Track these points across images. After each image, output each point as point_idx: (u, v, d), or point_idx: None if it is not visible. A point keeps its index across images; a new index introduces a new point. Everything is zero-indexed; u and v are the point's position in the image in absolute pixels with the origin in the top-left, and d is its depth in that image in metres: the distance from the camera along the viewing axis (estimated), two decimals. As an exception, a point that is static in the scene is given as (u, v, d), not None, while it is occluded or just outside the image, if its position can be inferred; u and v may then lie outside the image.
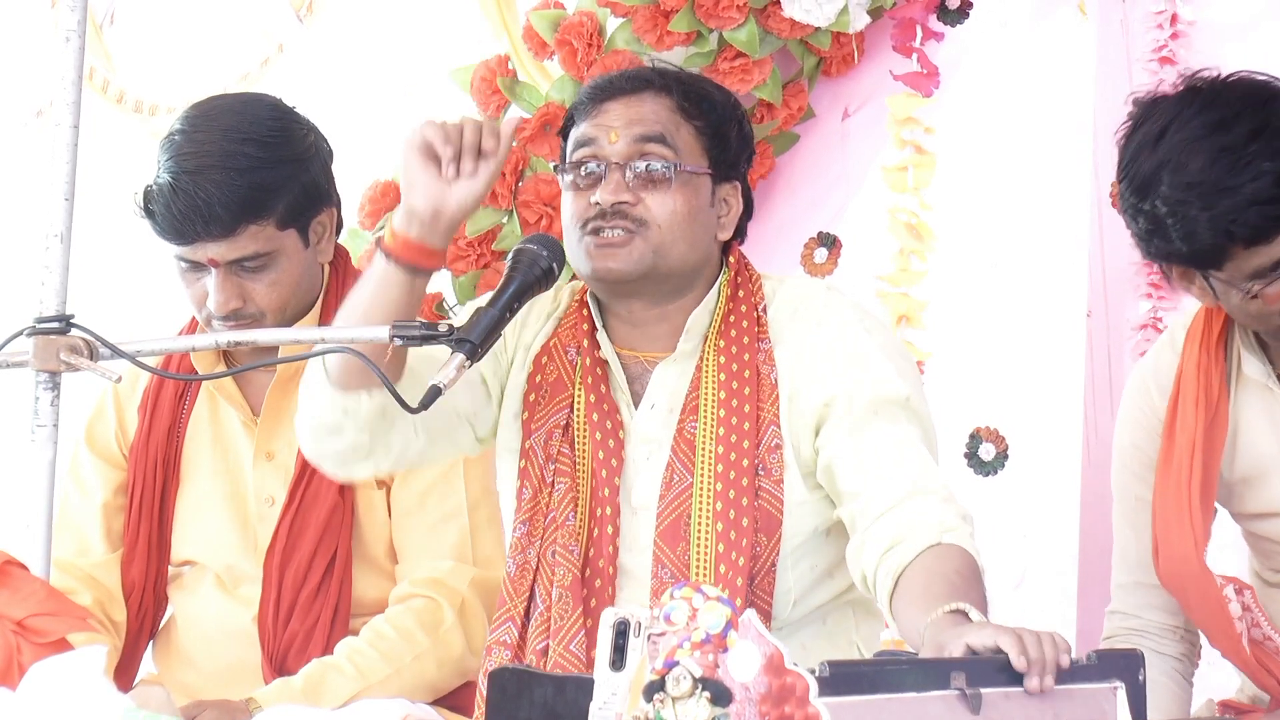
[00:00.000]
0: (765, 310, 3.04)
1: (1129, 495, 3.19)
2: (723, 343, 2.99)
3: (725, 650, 1.89)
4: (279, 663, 3.35)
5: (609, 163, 2.98)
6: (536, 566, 2.99)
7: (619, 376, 3.04)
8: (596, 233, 2.95)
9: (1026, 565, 4.10)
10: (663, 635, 1.92)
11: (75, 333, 2.91)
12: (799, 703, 1.89)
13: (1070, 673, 2.27)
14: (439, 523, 3.37)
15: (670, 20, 4.04)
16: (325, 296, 3.42)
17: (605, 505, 2.98)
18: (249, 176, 3.26)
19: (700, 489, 2.93)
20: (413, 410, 2.75)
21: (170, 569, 3.49)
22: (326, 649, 3.32)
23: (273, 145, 3.30)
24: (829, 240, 4.21)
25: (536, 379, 3.06)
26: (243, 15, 4.92)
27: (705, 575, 2.90)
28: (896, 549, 2.77)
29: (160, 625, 3.53)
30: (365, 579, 3.40)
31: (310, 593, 3.35)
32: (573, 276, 3.97)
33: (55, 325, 2.91)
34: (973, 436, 4.07)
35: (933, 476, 2.90)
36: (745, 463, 2.93)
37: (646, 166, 2.97)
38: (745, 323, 3.01)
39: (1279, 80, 2.95)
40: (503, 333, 3.05)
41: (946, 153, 4.14)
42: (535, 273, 2.88)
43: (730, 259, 3.07)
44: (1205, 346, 3.07)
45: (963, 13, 4.13)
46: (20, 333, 2.93)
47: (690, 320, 3.00)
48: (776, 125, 4.22)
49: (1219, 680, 3.34)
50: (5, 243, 5.02)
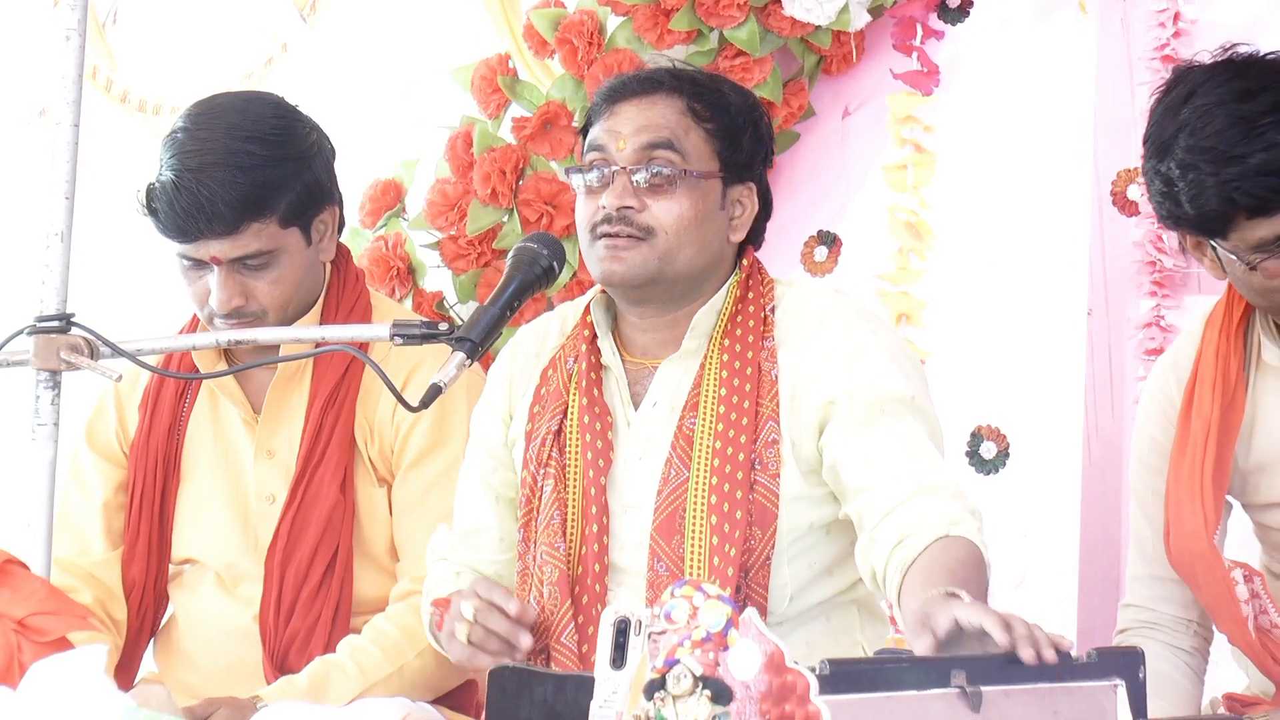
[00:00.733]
0: (773, 311, 3.04)
1: (1145, 488, 3.19)
2: (727, 341, 2.99)
3: (726, 648, 1.90)
4: (280, 661, 3.35)
5: (616, 168, 2.99)
6: (533, 571, 3.01)
7: (619, 380, 3.05)
8: (604, 237, 2.97)
9: (1027, 564, 4.10)
10: (663, 634, 1.93)
11: (76, 331, 2.92)
12: (799, 701, 1.89)
13: (1070, 670, 2.27)
14: (440, 521, 3.37)
15: (671, 19, 4.04)
16: (327, 295, 3.43)
17: (593, 505, 2.99)
18: (252, 175, 3.26)
19: (696, 483, 2.94)
20: (413, 409, 2.75)
21: (171, 567, 3.49)
22: (327, 647, 3.32)
23: (275, 143, 3.31)
24: (829, 239, 4.21)
25: (541, 391, 3.09)
26: (246, 14, 4.92)
27: (699, 568, 2.91)
28: (904, 544, 2.77)
29: (161, 624, 3.53)
30: (366, 577, 3.40)
31: (311, 591, 3.35)
32: (569, 281, 4.00)
33: (56, 324, 2.91)
34: (974, 435, 4.07)
35: (940, 473, 2.90)
36: (741, 456, 2.93)
37: (652, 173, 2.98)
38: (751, 322, 3.02)
39: None
40: (496, 413, 3.10)
41: (946, 151, 4.14)
42: (535, 271, 2.88)
43: (744, 261, 3.08)
44: (1225, 332, 3.09)
45: (963, 11, 4.13)
46: (21, 331, 2.93)
47: (695, 319, 3.01)
48: (777, 124, 4.21)
49: (1227, 678, 3.34)
50: (7, 241, 5.02)
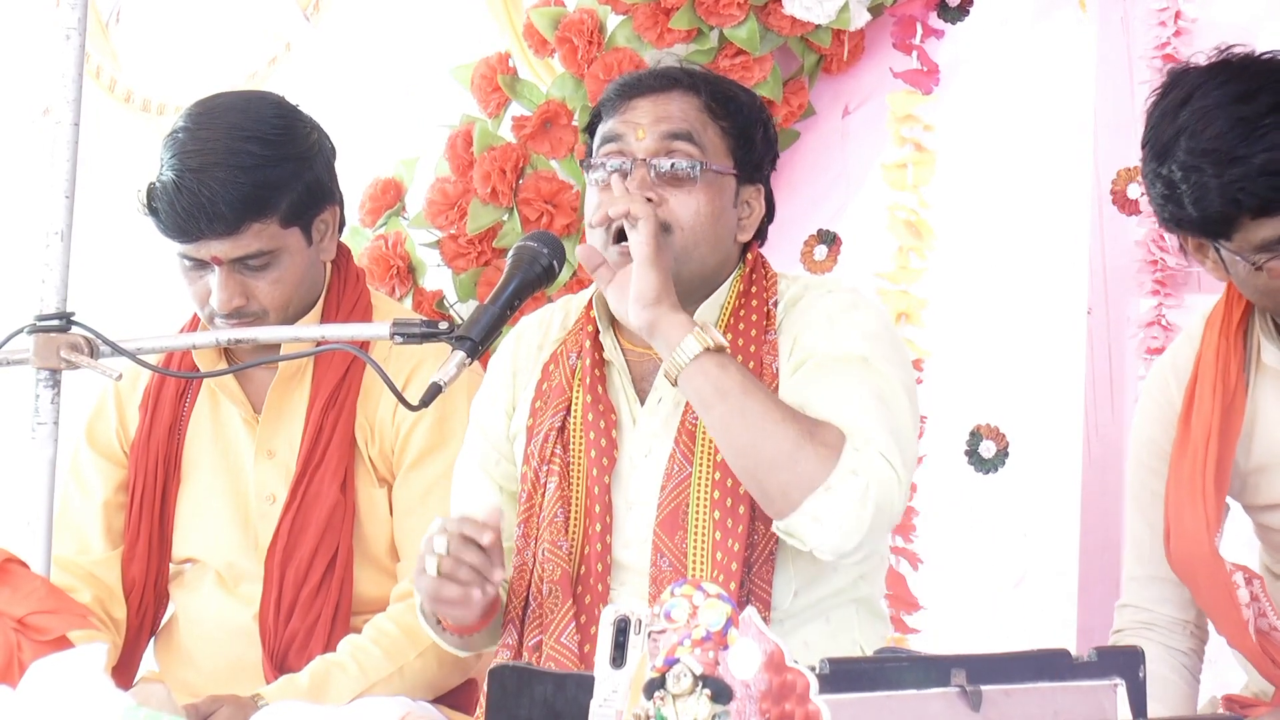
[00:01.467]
0: (775, 305, 3.04)
1: (1144, 489, 3.19)
2: (730, 336, 2.99)
3: (725, 647, 1.89)
4: (279, 660, 3.35)
5: (635, 159, 2.98)
6: (531, 566, 3.00)
7: (623, 376, 3.04)
8: (622, 240, 2.93)
9: (1027, 564, 4.11)
10: (663, 633, 1.92)
11: (76, 330, 2.92)
12: (799, 700, 1.89)
13: (1070, 669, 2.27)
14: (440, 520, 3.38)
15: (671, 18, 4.04)
16: (327, 294, 3.43)
17: (596, 503, 2.98)
18: (253, 174, 3.26)
19: (699, 479, 2.94)
20: (414, 408, 2.75)
21: (171, 567, 3.49)
22: (327, 647, 3.32)
23: (276, 143, 3.31)
24: (829, 238, 4.21)
25: (543, 386, 3.08)
26: (249, 14, 4.92)
27: (702, 564, 2.90)
28: None
29: (161, 623, 3.53)
30: (366, 577, 3.40)
31: (311, 591, 3.35)
32: (569, 280, 4.00)
33: (56, 323, 2.91)
34: (973, 434, 4.07)
35: (870, 426, 2.81)
36: None
37: (672, 165, 2.98)
38: (754, 316, 3.01)
39: None
40: (496, 406, 3.09)
41: (946, 150, 4.15)
42: (535, 270, 2.88)
43: (748, 256, 3.08)
44: (1225, 334, 3.08)
45: (963, 10, 4.13)
46: (21, 330, 2.93)
47: (699, 313, 3.00)
48: (777, 123, 4.21)
49: (1226, 678, 3.34)
50: (7, 241, 5.02)
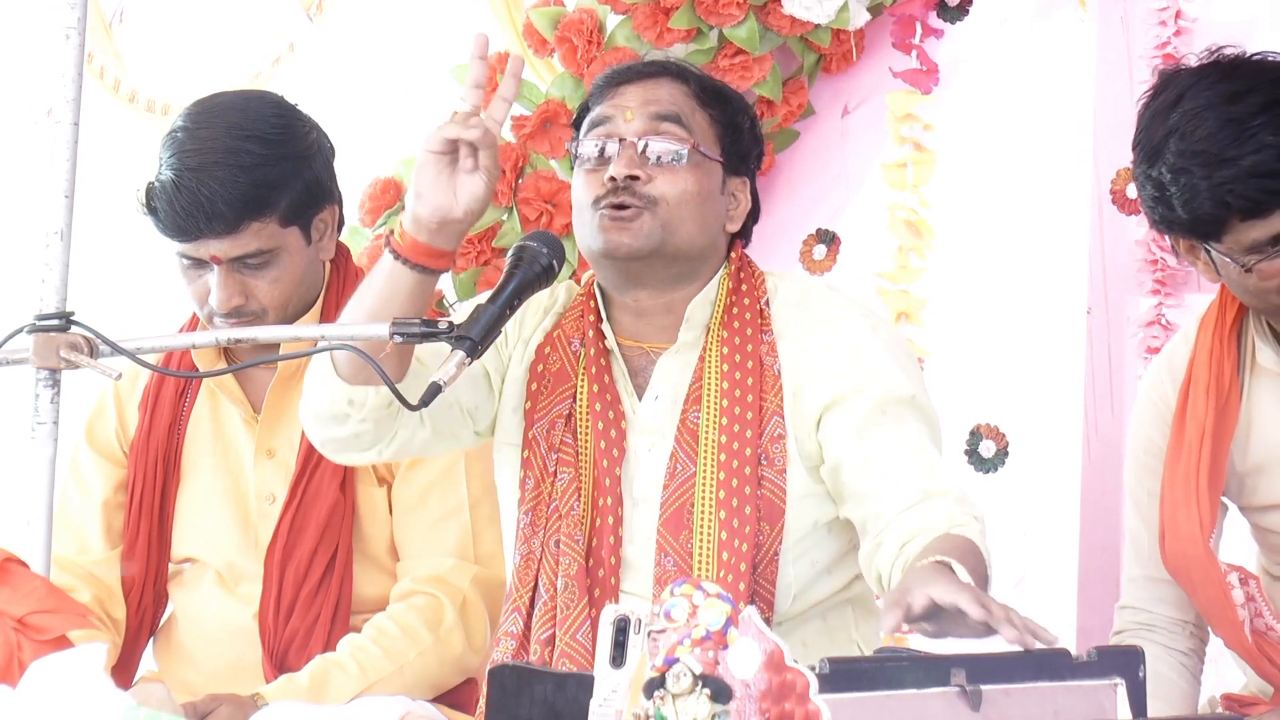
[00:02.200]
0: (768, 303, 3.04)
1: (1141, 489, 3.19)
2: (725, 333, 2.99)
3: (725, 647, 1.89)
4: (279, 660, 3.35)
5: (623, 140, 2.99)
6: (540, 556, 2.99)
7: (622, 367, 3.04)
8: (608, 209, 2.95)
9: (1027, 563, 4.10)
10: (663, 632, 1.92)
11: (75, 330, 2.91)
12: (799, 699, 1.89)
13: (1070, 669, 2.27)
14: (440, 520, 3.37)
15: (670, 17, 4.04)
16: (326, 294, 3.43)
17: (607, 495, 2.98)
18: (252, 174, 3.26)
19: (703, 478, 2.94)
20: (413, 408, 2.75)
21: (170, 566, 3.49)
22: (327, 646, 3.32)
23: (275, 142, 3.30)
24: (828, 237, 4.21)
25: (539, 369, 3.07)
26: (253, 14, 4.92)
27: (708, 564, 2.90)
28: (909, 545, 2.78)
29: (160, 623, 3.53)
30: (366, 576, 3.40)
31: (311, 590, 3.35)
32: (572, 274, 4.00)
33: (55, 323, 2.90)
34: (973, 434, 4.07)
35: (944, 477, 2.91)
36: (748, 452, 2.93)
37: (661, 144, 2.98)
38: (748, 314, 3.02)
39: None
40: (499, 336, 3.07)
41: (946, 150, 4.15)
42: (535, 269, 2.88)
43: (733, 254, 3.08)
44: (1219, 335, 3.08)
45: (962, 10, 4.13)
46: (20, 330, 2.93)
47: (690, 309, 3.00)
48: (776, 122, 4.22)
49: (1226, 678, 3.34)
50: (11, 240, 5.02)
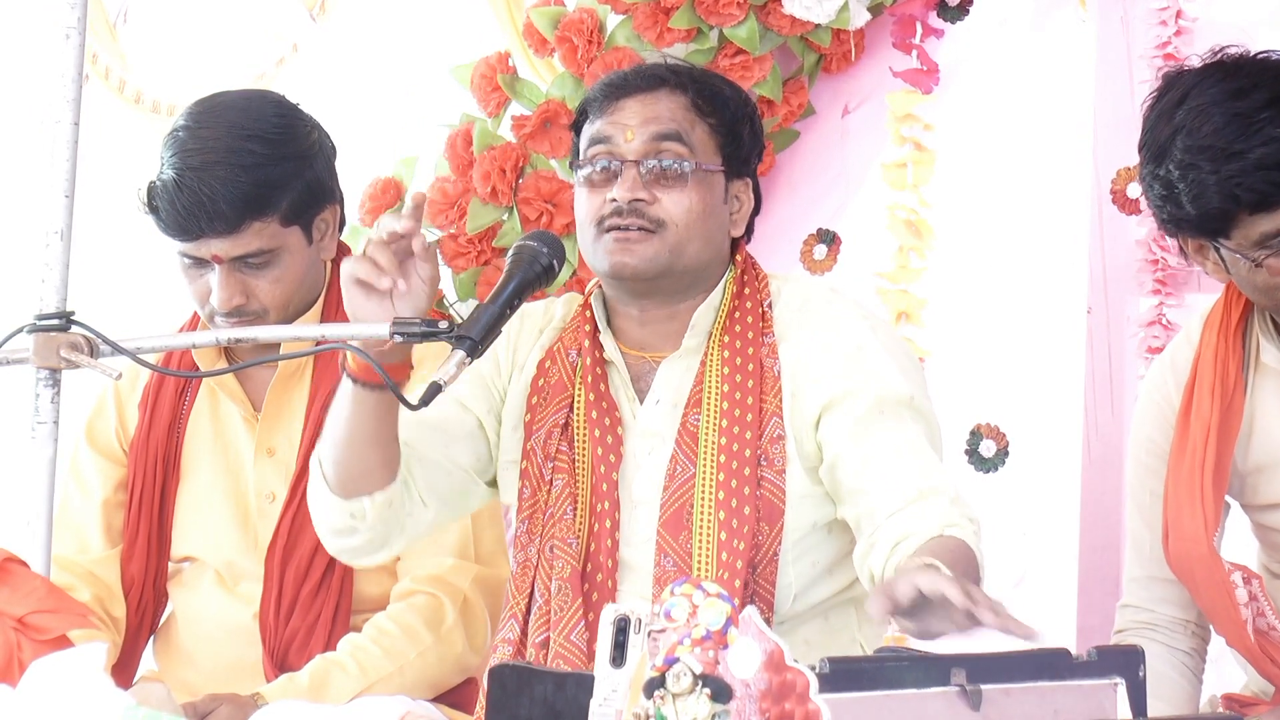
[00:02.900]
0: (770, 306, 3.05)
1: (1143, 490, 3.19)
2: (727, 338, 2.99)
3: (725, 647, 1.89)
4: (279, 659, 3.35)
5: (624, 160, 2.99)
6: (536, 562, 2.99)
7: (623, 375, 3.05)
8: (613, 230, 2.96)
9: (1026, 563, 4.10)
10: (663, 632, 1.92)
11: (75, 330, 2.92)
12: (799, 699, 1.89)
13: (1070, 669, 2.27)
14: (441, 519, 3.37)
15: (670, 17, 4.03)
16: (327, 293, 3.43)
17: (604, 500, 2.98)
18: (253, 173, 3.26)
19: (703, 479, 2.94)
20: (413, 407, 2.75)
21: (170, 565, 3.49)
22: (327, 646, 3.32)
23: (277, 142, 3.31)
24: (828, 237, 4.21)
25: (539, 383, 3.07)
26: (256, 14, 4.92)
27: (707, 564, 2.90)
28: (901, 545, 2.78)
29: (160, 622, 3.53)
30: (366, 576, 3.40)
31: (311, 589, 3.35)
32: (573, 274, 4.00)
33: (56, 322, 2.91)
34: (973, 433, 4.07)
35: (939, 477, 2.90)
36: (747, 453, 2.93)
37: (662, 165, 2.98)
38: (750, 318, 3.02)
39: None
40: (496, 355, 3.08)
41: (946, 150, 4.14)
42: (535, 269, 2.88)
43: (737, 257, 3.08)
44: (1223, 334, 3.09)
45: (963, 10, 4.13)
46: (21, 330, 2.93)
47: (695, 316, 3.01)
48: (777, 122, 4.22)
49: (1226, 677, 3.34)
50: (11, 240, 5.02)
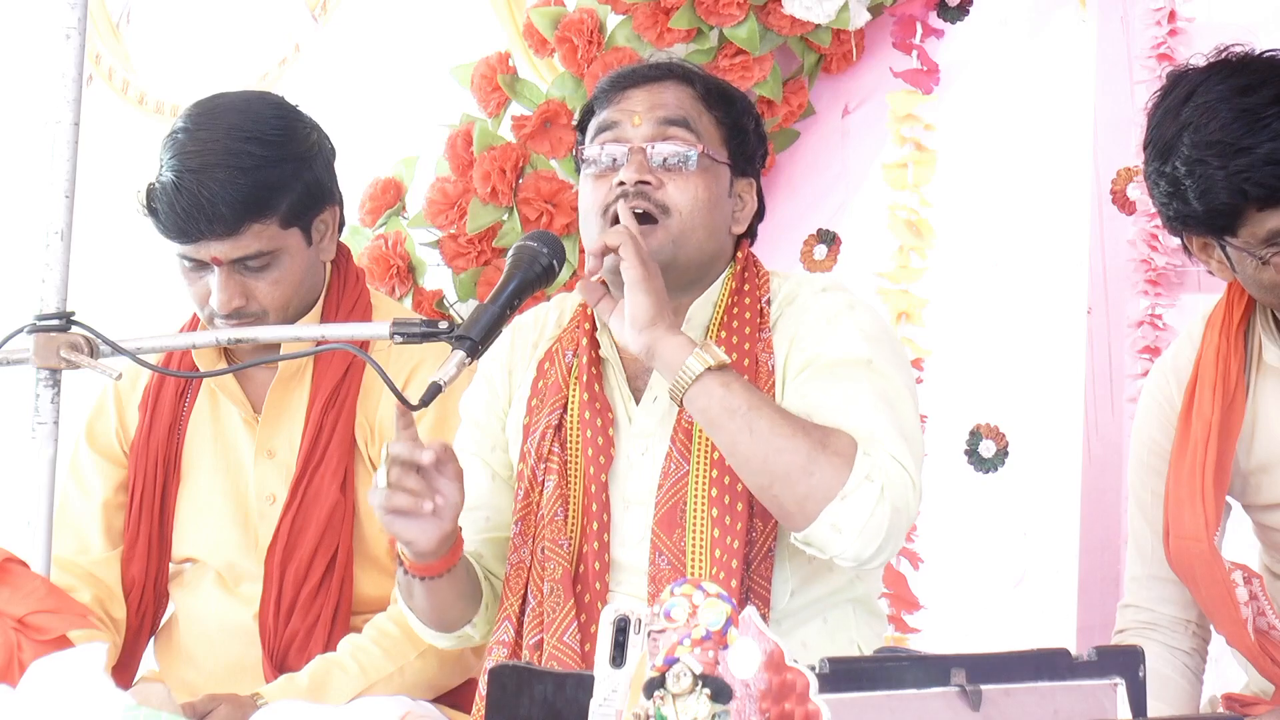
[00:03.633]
0: (769, 303, 3.04)
1: (1145, 490, 3.19)
2: (724, 333, 2.99)
3: (725, 647, 1.89)
4: (279, 660, 3.35)
5: (631, 145, 2.99)
6: (529, 564, 2.99)
7: (619, 374, 3.04)
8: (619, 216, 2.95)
9: (1026, 563, 4.11)
10: (663, 632, 1.92)
11: (76, 330, 2.92)
12: (799, 699, 1.89)
13: (1070, 669, 2.27)
14: (440, 521, 3.37)
15: (670, 17, 4.04)
16: (327, 295, 3.43)
17: (595, 501, 2.98)
18: (253, 175, 3.26)
19: (696, 477, 2.93)
20: (414, 407, 2.75)
21: (171, 566, 3.49)
22: (327, 647, 3.33)
23: (276, 144, 3.30)
24: (829, 237, 4.21)
25: (539, 385, 3.07)
26: (258, 15, 4.93)
27: (702, 563, 2.90)
28: None
29: (161, 623, 3.53)
30: (366, 577, 3.40)
31: (311, 591, 3.35)
32: (573, 274, 4.00)
33: (56, 323, 2.91)
34: (973, 433, 4.07)
35: (884, 430, 2.81)
36: None
37: (670, 150, 2.98)
38: (748, 314, 3.01)
39: None
40: (494, 389, 3.09)
41: (946, 150, 4.15)
42: (535, 270, 2.88)
43: (739, 254, 3.08)
44: (1225, 333, 3.09)
45: (963, 10, 4.13)
46: (21, 330, 2.93)
47: (691, 310, 3.00)
48: (777, 122, 4.22)
49: (1227, 677, 3.34)
50: (11, 240, 5.03)
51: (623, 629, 2.07)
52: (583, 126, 3.10)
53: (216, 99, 3.40)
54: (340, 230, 3.47)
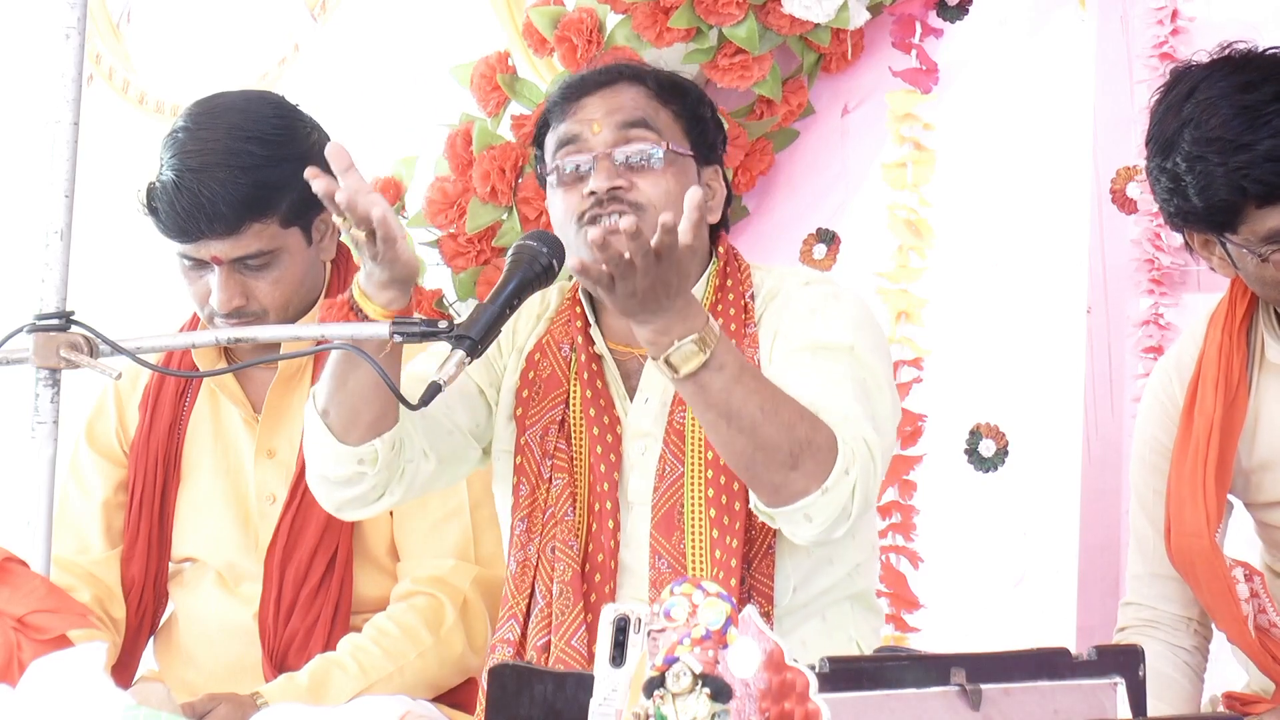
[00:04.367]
0: (753, 298, 3.03)
1: (1147, 489, 3.20)
2: None
3: (725, 646, 1.89)
4: (279, 660, 3.35)
5: (596, 154, 2.98)
6: (536, 563, 2.99)
7: (613, 371, 3.04)
8: (595, 221, 2.93)
9: (1026, 562, 4.10)
10: (663, 631, 1.92)
11: (75, 330, 2.91)
12: (799, 698, 1.89)
13: (1070, 668, 2.27)
14: (441, 521, 3.37)
15: (670, 17, 4.03)
16: (327, 294, 3.43)
17: (605, 500, 2.98)
18: (253, 175, 3.26)
19: (691, 478, 2.93)
20: (413, 407, 2.75)
21: (171, 566, 3.49)
22: (327, 646, 3.32)
23: (277, 143, 3.31)
24: (828, 236, 4.21)
25: (530, 375, 3.06)
26: (257, 14, 4.93)
27: (701, 564, 2.89)
28: None
29: (160, 622, 3.53)
30: (366, 577, 3.40)
31: (311, 590, 3.35)
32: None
33: (55, 322, 2.91)
34: (973, 433, 4.07)
35: (855, 416, 2.80)
36: None
37: (633, 152, 2.97)
38: (733, 310, 3.01)
39: None
40: (497, 337, 3.07)
41: (946, 149, 4.14)
42: (535, 269, 2.87)
43: (720, 249, 3.07)
44: (1228, 331, 3.09)
45: (962, 9, 4.13)
46: (20, 329, 2.93)
47: None
48: (776, 122, 4.22)
49: (1227, 676, 3.35)
50: (11, 240, 5.02)
51: (622, 628, 2.07)
52: (539, 140, 3.09)
53: (217, 98, 3.40)
54: (340, 230, 3.47)
